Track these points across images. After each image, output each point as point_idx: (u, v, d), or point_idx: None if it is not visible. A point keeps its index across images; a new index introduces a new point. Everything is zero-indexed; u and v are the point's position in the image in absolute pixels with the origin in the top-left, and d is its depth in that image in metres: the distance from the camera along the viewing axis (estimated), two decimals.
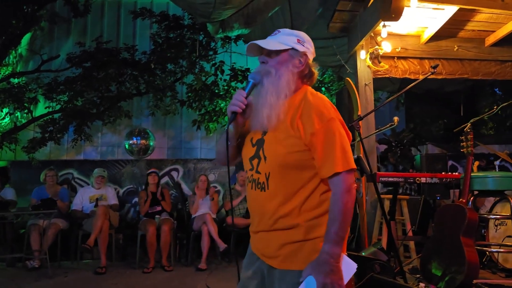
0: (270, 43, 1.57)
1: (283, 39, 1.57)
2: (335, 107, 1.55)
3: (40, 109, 7.06)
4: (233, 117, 1.55)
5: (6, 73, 7.10)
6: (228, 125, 1.58)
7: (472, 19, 4.67)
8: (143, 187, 5.92)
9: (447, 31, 4.77)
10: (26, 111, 6.80)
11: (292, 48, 1.56)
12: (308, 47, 1.60)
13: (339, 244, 1.41)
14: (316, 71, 1.64)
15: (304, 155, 1.48)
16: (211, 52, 7.16)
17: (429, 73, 3.48)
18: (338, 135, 1.47)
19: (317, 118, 1.47)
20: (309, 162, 1.49)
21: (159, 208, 5.58)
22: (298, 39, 1.58)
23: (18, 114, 7.13)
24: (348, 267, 1.42)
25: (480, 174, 3.60)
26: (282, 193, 1.50)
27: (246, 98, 1.55)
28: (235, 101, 1.55)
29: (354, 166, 1.48)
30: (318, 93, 1.60)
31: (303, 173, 1.50)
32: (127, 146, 7.14)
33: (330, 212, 1.44)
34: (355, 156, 3.44)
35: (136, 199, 6.77)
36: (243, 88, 1.58)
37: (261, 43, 1.56)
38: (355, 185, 1.49)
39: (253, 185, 1.58)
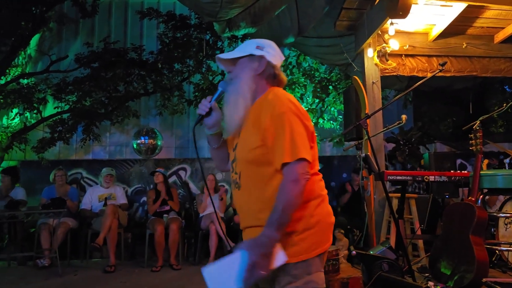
0: (230, 53, 1.72)
1: (243, 48, 1.71)
2: (295, 102, 1.58)
3: (49, 109, 7.12)
4: (198, 118, 1.72)
5: (16, 74, 7.16)
6: (194, 125, 1.75)
7: (481, 16, 4.62)
8: (151, 186, 5.94)
9: (456, 28, 4.73)
10: (35, 111, 6.86)
11: (250, 54, 1.67)
12: (269, 51, 1.68)
13: (278, 230, 1.45)
14: (282, 73, 1.73)
15: (262, 150, 1.55)
16: (218, 51, 7.16)
17: (437, 71, 3.45)
18: (288, 127, 1.50)
19: (270, 113, 1.54)
20: (267, 157, 1.55)
21: (167, 208, 5.61)
22: (257, 46, 1.69)
23: (28, 114, 7.19)
24: (279, 257, 1.46)
25: (490, 172, 3.56)
26: (251, 190, 1.59)
27: (210, 102, 1.69)
28: (200, 105, 1.71)
29: (304, 155, 1.49)
30: (282, 92, 1.63)
31: (265, 169, 1.55)
32: (135, 145, 7.18)
33: (276, 199, 1.48)
34: (363, 154, 3.44)
35: (144, 198, 6.81)
36: (212, 95, 1.73)
37: (222, 55, 1.72)
38: (307, 176, 1.49)
39: (233, 185, 1.70)
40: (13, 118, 7.21)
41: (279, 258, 1.46)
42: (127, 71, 6.81)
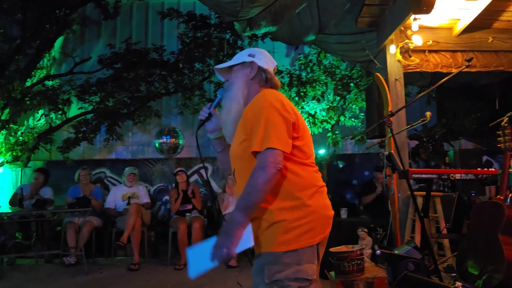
0: (225, 64, 1.86)
1: (237, 57, 1.84)
2: (279, 99, 1.63)
3: (73, 110, 7.26)
4: (199, 124, 1.87)
5: (41, 76, 7.33)
6: (196, 130, 1.94)
7: (507, 9, 4.48)
8: (173, 185, 6.00)
9: (481, 22, 4.60)
10: (60, 112, 7.00)
11: (243, 62, 1.80)
12: (259, 57, 1.80)
13: (242, 212, 1.53)
14: (274, 77, 1.83)
15: (246, 143, 1.62)
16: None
17: (464, 66, 3.37)
18: (264, 119, 1.57)
19: (252, 109, 1.65)
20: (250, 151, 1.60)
21: (190, 206, 5.65)
22: (249, 54, 1.82)
23: (53, 115, 7.36)
24: (245, 241, 1.51)
25: None
26: (242, 185, 1.61)
27: (210, 109, 1.85)
28: (201, 112, 1.86)
29: (274, 145, 1.52)
30: (270, 91, 1.72)
31: (252, 164, 1.57)
32: (157, 145, 7.26)
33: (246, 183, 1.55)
34: (387, 152, 3.39)
35: (166, 197, 6.88)
36: (212, 102, 1.90)
37: (218, 66, 1.88)
38: (278, 165, 1.51)
39: (232, 182, 1.83)
40: (39, 119, 7.39)
41: (245, 242, 1.50)
42: (149, 72, 6.89)
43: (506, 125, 3.27)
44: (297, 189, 1.58)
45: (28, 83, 6.85)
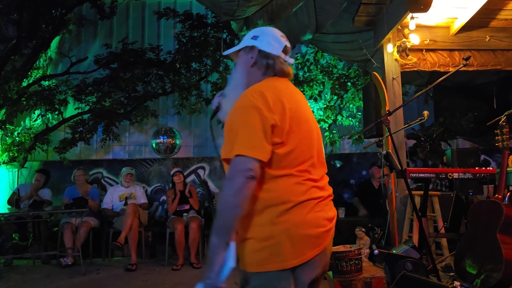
0: (230, 49, 1.66)
1: (243, 40, 1.64)
2: (265, 94, 1.41)
3: (70, 111, 7.23)
4: (212, 113, 1.70)
5: (37, 76, 7.29)
6: (210, 119, 1.75)
7: (505, 8, 4.48)
8: (170, 185, 5.98)
9: (478, 21, 4.61)
10: (56, 112, 6.97)
11: (246, 46, 1.60)
12: (263, 39, 1.57)
13: (217, 234, 1.32)
14: (283, 62, 1.58)
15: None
16: None
17: (461, 65, 3.37)
18: (237, 122, 1.39)
19: (233, 108, 1.46)
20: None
21: (187, 207, 5.64)
22: (252, 36, 1.61)
23: (49, 115, 7.31)
24: (227, 263, 1.32)
25: None
26: None
27: (219, 97, 1.67)
28: (212, 101, 1.71)
29: (243, 152, 1.33)
30: (261, 84, 1.51)
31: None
32: (154, 145, 7.24)
33: None
34: (384, 152, 3.38)
35: (164, 197, 6.86)
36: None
37: (225, 52, 1.69)
38: (248, 173, 1.31)
39: None
40: (36, 120, 7.36)
41: (227, 264, 1.32)
42: (145, 71, 6.86)
43: (504, 124, 3.27)
44: (267, 205, 1.38)
45: (24, 83, 6.81)
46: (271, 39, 1.58)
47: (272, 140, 1.37)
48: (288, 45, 1.62)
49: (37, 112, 7.13)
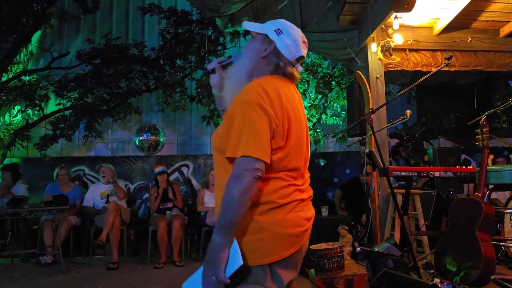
0: (254, 25, 1.60)
1: (267, 25, 1.57)
2: (269, 93, 1.41)
3: (51, 106, 7.12)
4: (205, 72, 1.78)
5: (18, 71, 7.15)
6: (201, 76, 1.82)
7: (486, 9, 4.57)
8: (154, 183, 5.92)
9: (460, 22, 4.68)
10: (37, 108, 6.84)
11: (266, 35, 1.55)
12: (283, 39, 1.53)
13: (219, 232, 1.34)
14: (291, 67, 1.56)
15: (225, 138, 1.43)
16: (220, 47, 7.13)
17: (443, 65, 3.41)
18: (240, 119, 1.38)
19: (236, 101, 1.44)
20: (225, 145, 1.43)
21: (170, 205, 5.59)
22: (277, 28, 1.55)
23: (30, 111, 7.17)
24: (233, 261, 1.33)
25: (496, 167, 3.53)
26: (217, 178, 1.52)
27: (215, 64, 1.69)
28: (211, 62, 1.72)
29: (248, 153, 1.33)
30: (263, 80, 1.49)
31: (222, 156, 1.43)
32: (137, 142, 7.17)
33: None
34: (367, 150, 3.41)
35: (146, 195, 6.79)
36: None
37: (246, 24, 1.61)
38: (255, 173, 1.33)
39: None
40: (15, 115, 7.21)
41: (233, 262, 1.33)
42: (129, 68, 6.79)
43: (484, 123, 3.32)
44: (250, 204, 1.38)
45: (4, 78, 6.67)
46: (292, 43, 1.54)
47: (271, 145, 1.40)
48: (305, 54, 1.60)
49: (17, 107, 7.00)
